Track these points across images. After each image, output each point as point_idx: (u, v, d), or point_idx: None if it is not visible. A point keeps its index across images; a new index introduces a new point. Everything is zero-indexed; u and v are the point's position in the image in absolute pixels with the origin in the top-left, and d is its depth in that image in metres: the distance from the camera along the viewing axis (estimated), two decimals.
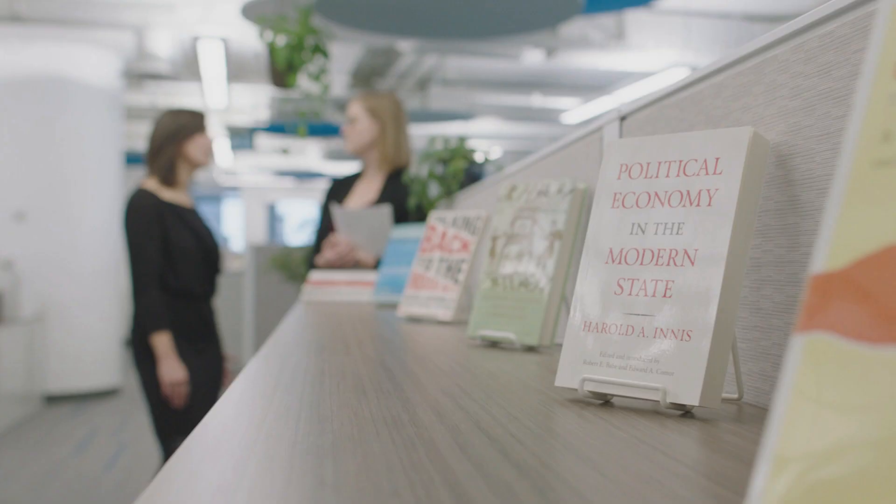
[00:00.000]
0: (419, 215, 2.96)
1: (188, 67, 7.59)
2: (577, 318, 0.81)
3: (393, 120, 3.19)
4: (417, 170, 2.83)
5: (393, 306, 2.35)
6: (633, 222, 0.80)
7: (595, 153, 1.28)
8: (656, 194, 0.80)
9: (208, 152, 3.29)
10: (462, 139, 2.76)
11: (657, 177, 0.80)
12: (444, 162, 2.79)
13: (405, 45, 6.43)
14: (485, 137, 11.60)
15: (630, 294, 0.78)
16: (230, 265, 9.63)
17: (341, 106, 8.78)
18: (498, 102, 9.28)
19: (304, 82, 3.99)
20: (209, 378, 3.22)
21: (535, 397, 0.81)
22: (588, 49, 6.71)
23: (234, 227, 21.00)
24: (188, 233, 3.17)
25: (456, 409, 0.75)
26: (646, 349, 0.74)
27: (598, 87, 8.73)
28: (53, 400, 6.94)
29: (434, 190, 2.89)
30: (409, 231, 2.46)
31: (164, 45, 6.69)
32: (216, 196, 21.34)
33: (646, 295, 0.76)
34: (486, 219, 1.80)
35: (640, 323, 0.76)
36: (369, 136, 3.17)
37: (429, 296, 1.81)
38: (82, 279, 7.08)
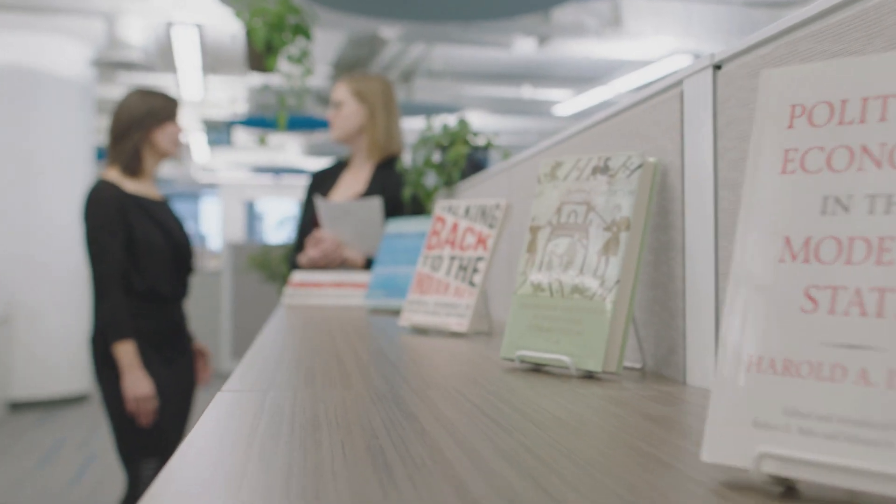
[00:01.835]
0: (415, 208, 2.65)
1: (162, 57, 7.21)
2: (733, 349, 0.51)
3: (383, 104, 2.88)
4: (413, 157, 2.52)
5: (388, 312, 2.04)
6: (825, 195, 0.50)
7: (670, 116, 0.97)
8: (864, 149, 0.49)
9: (178, 143, 2.96)
10: (463, 121, 2.45)
11: (863, 121, 0.50)
12: (443, 148, 2.49)
13: (390, 32, 6.10)
14: None
15: (833, 311, 0.47)
16: (207, 264, 9.28)
17: (322, 98, 8.44)
18: (486, 94, 8.95)
19: (284, 67, 3.66)
20: (180, 391, 2.89)
21: (667, 478, 0.51)
22: (582, 37, 6.41)
23: (212, 226, 20.58)
24: (155, 228, 2.84)
25: None
26: (876, 406, 0.44)
27: (591, 78, 8.43)
28: (19, 407, 6.56)
29: (431, 179, 2.59)
30: (406, 225, 2.15)
31: (136, 33, 6.32)
32: (194, 194, 20.91)
33: (863, 314, 0.46)
34: (507, 208, 1.49)
35: (859, 361, 0.45)
36: (357, 122, 2.85)
37: (438, 301, 1.50)
38: (51, 279, 6.70)
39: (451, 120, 2.51)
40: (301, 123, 8.64)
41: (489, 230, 1.49)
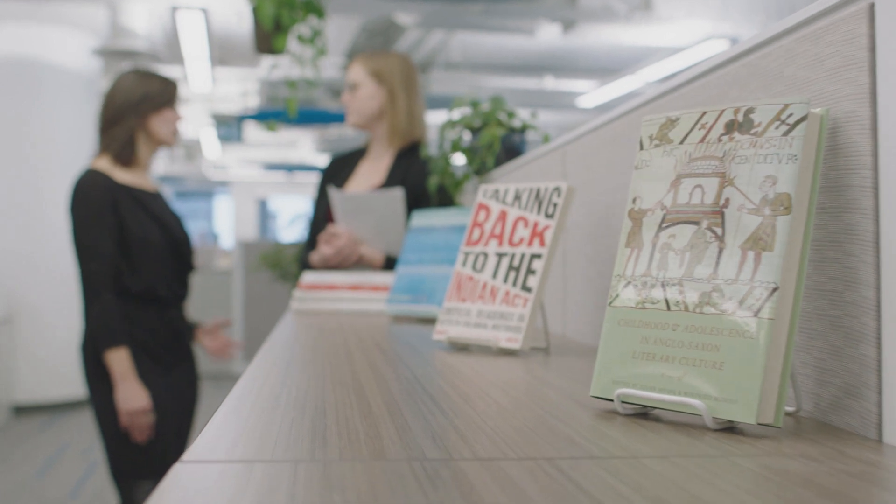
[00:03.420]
0: (442, 199, 2.35)
1: (169, 48, 6.94)
2: None
3: (403, 84, 2.57)
4: (440, 141, 2.22)
5: (414, 320, 1.74)
6: None
7: (848, 45, 0.67)
8: None
9: (176, 131, 2.66)
10: (497, 99, 2.14)
11: None
12: (473, 131, 2.18)
13: (407, 18, 5.79)
14: None
15: None
16: (218, 263, 9.00)
17: (335, 91, 8.16)
18: (506, 86, 8.60)
19: (295, 49, 3.36)
20: (180, 404, 2.60)
21: None
22: (611, 22, 6.07)
23: (225, 224, 20.35)
24: (151, 222, 2.55)
25: None
26: None
27: (618, 67, 8.06)
28: (22, 411, 6.31)
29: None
30: (435, 218, 1.84)
31: (140, 20, 6.04)
32: (207, 192, 20.68)
33: None
34: (569, 192, 1.18)
35: None
36: (376, 105, 2.54)
37: (483, 310, 1.20)
38: (55, 279, 6.43)
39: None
40: (314, 117, 8.36)
41: (547, 220, 1.18)
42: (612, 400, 0.72)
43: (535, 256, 1.17)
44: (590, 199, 1.35)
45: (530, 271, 1.17)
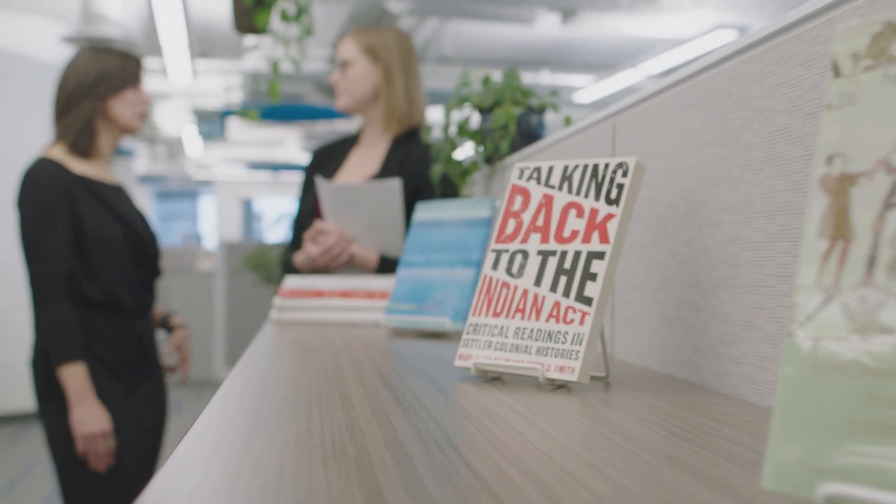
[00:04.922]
0: (446, 191, 2.04)
1: (147, 37, 6.60)
2: None
3: (401, 61, 2.26)
4: (445, 124, 1.91)
5: (418, 334, 1.43)
6: None
7: None
8: None
9: (142, 114, 2.34)
10: (511, 73, 1.84)
11: None
12: (483, 111, 1.88)
13: (399, 6, 5.48)
14: None
15: None
16: (201, 265, 8.66)
17: (322, 86, 7.84)
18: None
19: (279, 28, 3.05)
20: (145, 428, 2.28)
21: None
22: (613, 11, 5.77)
23: (209, 225, 19.97)
24: (112, 218, 2.23)
25: None
26: None
27: (618, 61, 7.76)
28: None
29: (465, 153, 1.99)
30: (444, 210, 1.54)
31: (114, 6, 5.70)
32: (191, 192, 20.29)
33: None
34: (639, 170, 0.88)
35: None
36: (369, 84, 2.24)
37: (522, 327, 0.90)
38: (24, 282, 6.08)
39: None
40: (300, 113, 8.05)
41: (610, 207, 0.88)
42: (808, 497, 0.42)
43: (594, 256, 0.87)
44: (651, 181, 1.05)
45: (589, 276, 0.86)
